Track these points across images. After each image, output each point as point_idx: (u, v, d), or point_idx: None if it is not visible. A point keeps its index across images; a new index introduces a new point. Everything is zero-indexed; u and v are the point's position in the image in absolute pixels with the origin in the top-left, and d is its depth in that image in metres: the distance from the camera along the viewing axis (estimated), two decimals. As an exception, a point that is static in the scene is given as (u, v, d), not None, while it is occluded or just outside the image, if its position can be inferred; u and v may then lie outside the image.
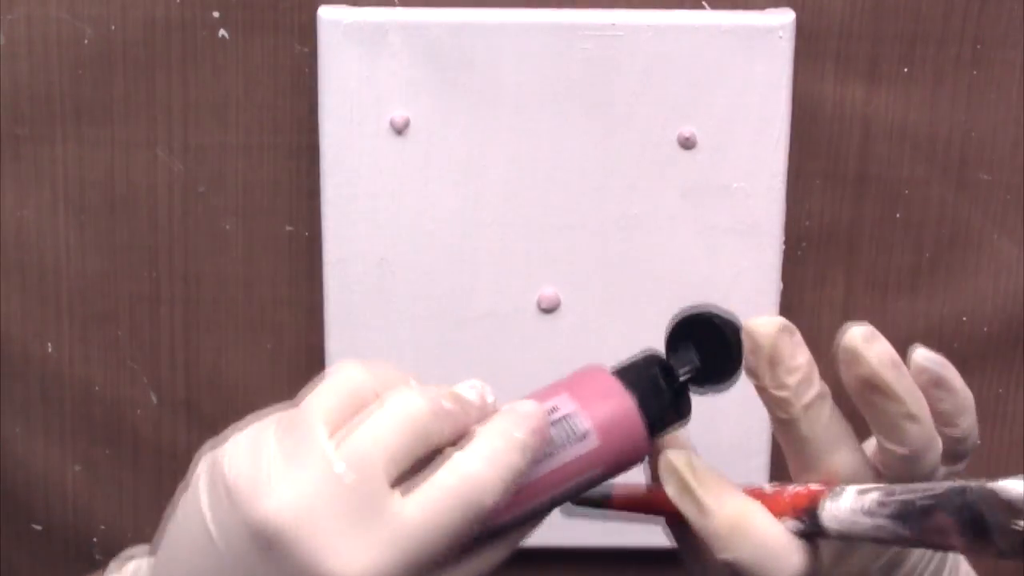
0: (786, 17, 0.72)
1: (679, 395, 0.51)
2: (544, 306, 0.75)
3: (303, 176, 0.76)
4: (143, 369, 0.79)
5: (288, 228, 0.77)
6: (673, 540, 0.53)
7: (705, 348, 0.51)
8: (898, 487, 0.47)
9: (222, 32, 0.74)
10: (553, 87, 0.73)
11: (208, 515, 0.44)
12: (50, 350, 0.78)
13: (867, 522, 0.47)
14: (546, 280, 0.76)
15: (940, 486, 0.45)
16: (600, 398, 0.49)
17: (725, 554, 0.48)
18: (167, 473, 0.80)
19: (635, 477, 0.52)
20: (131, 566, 0.49)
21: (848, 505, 0.48)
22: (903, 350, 0.79)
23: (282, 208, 0.77)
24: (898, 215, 0.77)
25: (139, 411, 0.79)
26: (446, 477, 0.44)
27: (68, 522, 0.80)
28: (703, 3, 0.74)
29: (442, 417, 0.45)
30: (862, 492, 0.48)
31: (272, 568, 0.43)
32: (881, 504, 0.47)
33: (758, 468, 0.77)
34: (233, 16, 0.74)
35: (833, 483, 0.49)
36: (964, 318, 0.78)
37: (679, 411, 0.51)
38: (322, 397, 0.45)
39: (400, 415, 0.45)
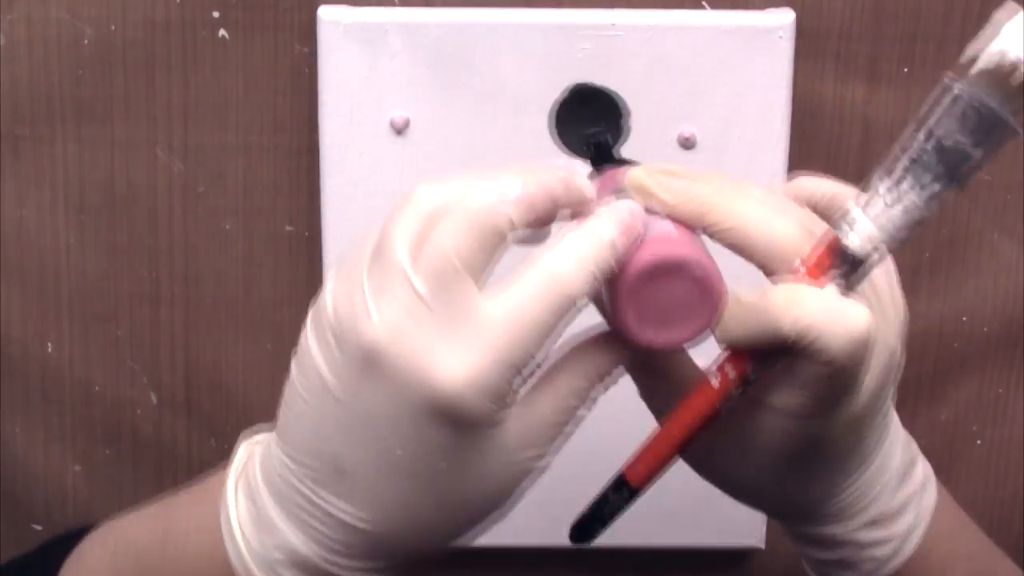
0: (786, 17, 0.72)
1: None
2: (544, 306, 0.75)
3: (303, 176, 0.76)
4: (143, 369, 0.79)
5: (288, 228, 0.77)
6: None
7: (596, 112, 0.53)
8: (886, 168, 0.47)
9: (222, 32, 0.74)
10: (553, 87, 0.73)
11: (318, 358, 0.47)
12: (50, 350, 0.78)
13: (897, 212, 0.47)
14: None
15: (919, 127, 0.46)
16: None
17: (789, 320, 0.47)
18: (167, 473, 0.80)
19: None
20: (260, 436, 0.52)
21: (866, 222, 0.47)
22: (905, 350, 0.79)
23: (282, 208, 0.77)
24: (898, 215, 0.77)
25: (139, 411, 0.79)
26: (531, 275, 0.46)
27: (68, 522, 0.80)
28: (703, 3, 0.74)
29: (521, 206, 0.47)
30: (867, 202, 0.47)
31: (379, 391, 0.46)
32: (895, 186, 0.46)
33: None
34: (233, 16, 0.74)
35: (832, 225, 0.49)
36: (964, 318, 0.78)
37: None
38: (402, 222, 0.47)
39: (463, 216, 0.46)
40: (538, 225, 0.48)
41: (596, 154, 0.52)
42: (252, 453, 0.52)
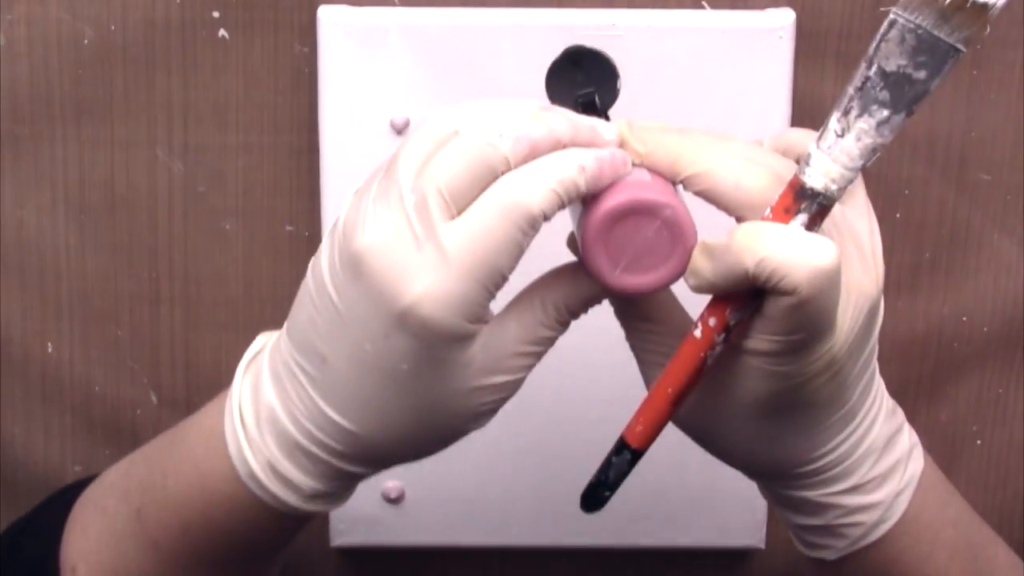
0: (786, 17, 0.72)
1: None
2: (544, 306, 0.75)
3: (303, 176, 0.76)
4: (143, 369, 0.79)
5: (288, 228, 0.77)
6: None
7: (588, 74, 0.55)
8: (837, 104, 0.48)
9: (222, 32, 0.74)
10: (553, 87, 0.73)
11: (324, 258, 0.51)
12: (50, 350, 0.78)
13: (848, 142, 0.48)
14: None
15: (867, 58, 0.47)
16: None
17: (752, 257, 0.48)
18: (167, 473, 0.80)
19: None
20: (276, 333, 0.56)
21: (821, 156, 0.48)
22: (903, 350, 0.80)
23: (282, 208, 0.77)
24: (898, 215, 0.77)
25: (139, 411, 0.79)
26: (493, 190, 0.49)
27: (68, 522, 0.80)
28: (703, 3, 0.74)
29: (520, 146, 0.49)
30: (821, 137, 0.48)
31: (358, 295, 0.50)
32: (844, 116, 0.48)
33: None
34: (233, 16, 0.74)
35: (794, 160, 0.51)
36: (964, 318, 0.78)
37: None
38: (412, 144, 0.50)
39: (460, 148, 0.49)
40: None
41: (585, 114, 0.53)
42: (265, 344, 0.56)
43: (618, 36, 0.72)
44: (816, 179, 0.48)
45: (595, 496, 0.55)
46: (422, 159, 0.49)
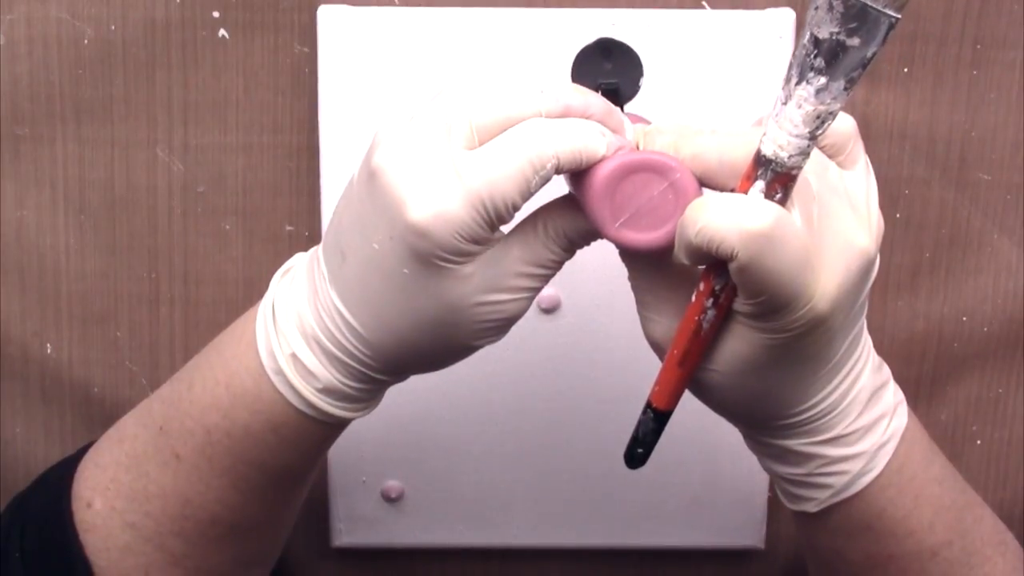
0: (786, 17, 0.73)
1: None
2: (544, 306, 0.75)
3: (303, 176, 0.76)
4: (142, 371, 0.79)
5: (288, 228, 0.77)
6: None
7: (615, 65, 0.58)
8: (785, 76, 0.49)
9: (222, 32, 0.74)
10: (553, 87, 0.73)
11: (359, 169, 0.55)
12: (49, 351, 0.78)
13: (791, 108, 0.49)
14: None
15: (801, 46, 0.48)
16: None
17: (693, 229, 0.50)
18: (167, 473, 0.80)
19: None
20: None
21: (772, 126, 0.49)
22: (903, 350, 0.80)
23: (282, 208, 0.77)
24: (898, 215, 0.77)
25: (139, 411, 0.79)
26: (517, 127, 0.52)
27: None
28: (703, 3, 0.74)
29: (556, 103, 0.52)
30: (773, 107, 0.49)
31: (371, 202, 0.53)
32: (787, 84, 0.49)
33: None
34: (233, 16, 0.74)
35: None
36: (964, 318, 0.78)
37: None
38: (461, 83, 0.53)
39: (497, 91, 0.52)
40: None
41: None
42: (304, 257, 0.59)
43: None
44: (767, 146, 0.50)
45: (631, 453, 0.57)
46: (468, 96, 0.52)
